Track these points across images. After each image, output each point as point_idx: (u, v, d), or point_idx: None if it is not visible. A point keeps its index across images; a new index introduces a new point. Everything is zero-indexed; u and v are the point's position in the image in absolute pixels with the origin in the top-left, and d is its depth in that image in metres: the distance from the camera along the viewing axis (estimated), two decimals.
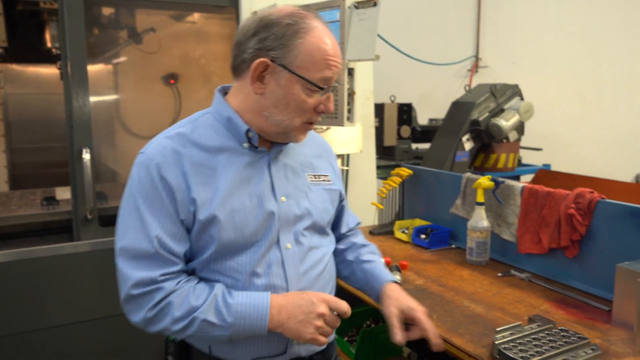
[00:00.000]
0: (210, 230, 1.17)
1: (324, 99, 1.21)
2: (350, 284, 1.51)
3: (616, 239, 1.89)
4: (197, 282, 1.19)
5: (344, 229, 1.54)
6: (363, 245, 1.53)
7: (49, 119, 3.81)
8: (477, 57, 4.45)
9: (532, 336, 1.51)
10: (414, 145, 3.76)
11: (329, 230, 1.40)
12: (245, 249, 1.20)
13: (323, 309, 1.17)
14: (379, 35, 2.57)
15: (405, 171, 2.75)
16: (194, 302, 1.13)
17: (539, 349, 1.42)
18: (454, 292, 1.98)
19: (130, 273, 1.13)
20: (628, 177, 4.84)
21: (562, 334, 1.53)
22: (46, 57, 3.51)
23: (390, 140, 3.40)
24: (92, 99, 2.89)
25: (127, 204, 1.18)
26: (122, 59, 3.37)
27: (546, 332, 1.54)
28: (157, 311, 1.13)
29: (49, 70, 3.79)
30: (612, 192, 2.93)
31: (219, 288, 1.17)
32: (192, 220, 1.17)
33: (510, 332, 1.54)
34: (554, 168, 3.66)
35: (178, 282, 1.16)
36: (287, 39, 1.14)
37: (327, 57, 1.17)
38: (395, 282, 1.43)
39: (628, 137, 5.04)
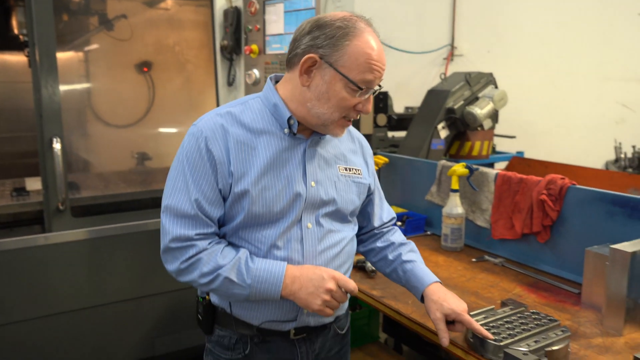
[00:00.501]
0: (242, 202, 1.31)
1: (363, 99, 1.30)
2: (392, 280, 1.61)
3: (586, 223, 1.93)
4: (226, 245, 1.33)
5: (376, 222, 1.62)
6: (402, 244, 1.60)
7: (18, 108, 3.71)
8: (452, 46, 4.47)
9: (505, 319, 1.54)
10: (390, 134, 3.77)
11: (351, 219, 1.49)
12: (270, 222, 1.33)
13: (332, 285, 1.29)
14: None
15: (381, 159, 2.76)
16: (220, 261, 1.28)
17: (511, 332, 1.45)
18: None
19: (171, 228, 1.29)
20: (598, 164, 4.94)
21: (533, 316, 1.56)
22: (13, 44, 3.41)
23: (366, 128, 3.41)
24: (62, 87, 2.82)
25: (176, 168, 1.32)
26: (93, 46, 3.29)
27: (518, 315, 1.57)
28: (189, 264, 1.29)
29: (17, 58, 3.67)
30: (583, 178, 3.00)
31: (243, 252, 1.31)
32: (229, 191, 1.31)
33: (483, 315, 1.57)
34: (527, 155, 3.71)
35: (210, 242, 1.31)
36: (336, 39, 1.25)
37: (371, 61, 1.26)
38: (437, 282, 1.50)
39: (599, 124, 5.14)
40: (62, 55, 3.04)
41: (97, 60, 3.32)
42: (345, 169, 1.45)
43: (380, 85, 1.32)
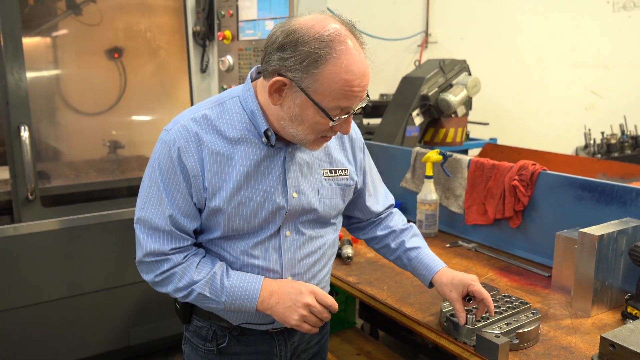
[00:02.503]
0: (217, 217, 1.26)
1: (342, 121, 1.20)
2: (397, 266, 1.58)
3: (556, 208, 1.97)
4: (203, 257, 1.30)
5: (370, 214, 1.57)
6: (403, 230, 1.56)
7: None
8: (427, 33, 4.48)
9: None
10: (365, 121, 3.78)
11: (334, 221, 1.44)
12: (248, 234, 1.30)
13: (310, 299, 1.25)
14: (328, 9, 2.55)
15: None
16: (195, 276, 1.26)
17: (483, 315, 1.48)
18: None
19: (145, 242, 1.26)
20: (569, 150, 5.05)
21: (505, 299, 1.59)
22: None
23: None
24: (29, 74, 2.74)
25: (149, 177, 1.26)
26: (61, 31, 3.19)
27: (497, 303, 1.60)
28: (163, 278, 1.27)
29: None
30: (554, 164, 3.06)
31: (219, 267, 1.28)
32: (204, 204, 1.26)
33: None
34: (500, 142, 3.76)
35: (185, 256, 1.28)
36: (309, 63, 1.11)
37: (347, 87, 1.13)
38: (444, 267, 1.48)
39: (569, 111, 5.24)
40: (28, 41, 2.95)
41: (66, 45, 3.23)
42: (330, 172, 1.37)
43: (367, 99, 1.20)
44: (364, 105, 1.20)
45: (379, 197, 1.59)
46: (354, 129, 1.47)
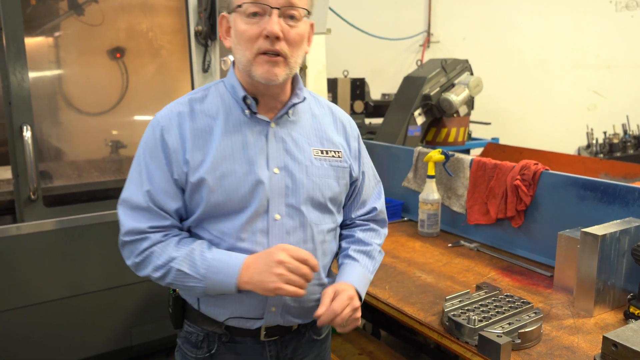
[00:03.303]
0: (200, 191, 1.24)
1: (263, 22, 1.19)
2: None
3: (559, 208, 1.97)
4: (186, 237, 1.27)
5: (353, 214, 1.47)
6: (360, 241, 1.44)
7: None
8: (428, 33, 4.48)
9: (480, 302, 1.57)
10: (367, 120, 3.78)
11: (332, 208, 1.35)
12: (233, 212, 1.25)
13: (282, 256, 1.18)
14: (330, 9, 2.55)
15: None
16: (173, 253, 1.23)
17: (485, 315, 1.48)
18: (406, 264, 2.03)
19: (125, 222, 1.25)
20: (571, 150, 5.04)
21: (507, 299, 1.59)
22: None
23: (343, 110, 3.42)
24: (32, 74, 2.74)
25: (135, 160, 1.28)
26: (63, 31, 3.20)
27: (493, 298, 1.60)
28: (142, 258, 1.24)
29: None
30: (556, 163, 3.05)
31: (199, 244, 1.25)
32: (185, 180, 1.25)
33: (459, 299, 1.60)
34: (502, 142, 3.76)
35: (165, 235, 1.25)
36: None
37: None
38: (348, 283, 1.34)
39: (571, 111, 5.23)
40: (30, 41, 2.95)
41: (68, 46, 3.23)
42: (321, 152, 1.33)
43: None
44: (279, 8, 1.18)
45: (372, 198, 1.50)
46: (350, 122, 1.45)
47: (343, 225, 1.48)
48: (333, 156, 1.34)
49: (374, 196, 1.51)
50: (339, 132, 1.40)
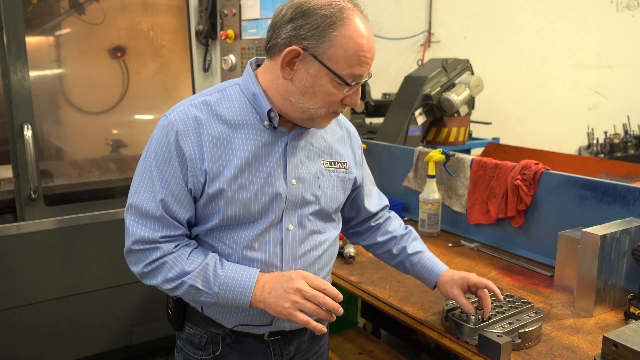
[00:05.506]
0: (217, 202, 1.22)
1: (351, 92, 1.21)
2: (399, 270, 1.59)
3: (559, 208, 1.97)
4: (195, 248, 1.25)
5: (367, 213, 1.57)
6: (403, 235, 1.57)
7: None
8: (429, 32, 4.47)
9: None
10: (367, 120, 3.77)
11: (335, 217, 1.41)
12: (247, 223, 1.24)
13: (300, 284, 1.18)
14: None
15: None
16: (186, 267, 1.20)
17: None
18: None
19: (135, 229, 1.20)
20: (572, 150, 5.04)
21: (507, 299, 1.59)
22: None
23: (344, 114, 3.42)
24: (32, 72, 2.75)
25: (143, 162, 1.23)
26: (63, 30, 3.20)
27: (493, 298, 1.60)
28: (152, 268, 1.21)
29: None
30: (557, 163, 3.05)
31: (211, 258, 1.22)
32: (201, 191, 1.21)
33: None
34: (503, 141, 3.75)
35: (177, 246, 1.22)
36: (321, 30, 1.13)
37: (360, 53, 1.15)
38: (446, 269, 1.51)
39: (572, 111, 5.23)
40: (31, 40, 2.96)
41: (69, 44, 3.24)
42: (330, 163, 1.35)
43: (370, 74, 1.22)
44: (369, 79, 1.21)
45: (374, 197, 1.59)
46: (353, 129, 1.49)
47: (368, 228, 1.59)
48: (340, 167, 1.38)
49: (378, 191, 1.62)
50: (345, 141, 1.43)
